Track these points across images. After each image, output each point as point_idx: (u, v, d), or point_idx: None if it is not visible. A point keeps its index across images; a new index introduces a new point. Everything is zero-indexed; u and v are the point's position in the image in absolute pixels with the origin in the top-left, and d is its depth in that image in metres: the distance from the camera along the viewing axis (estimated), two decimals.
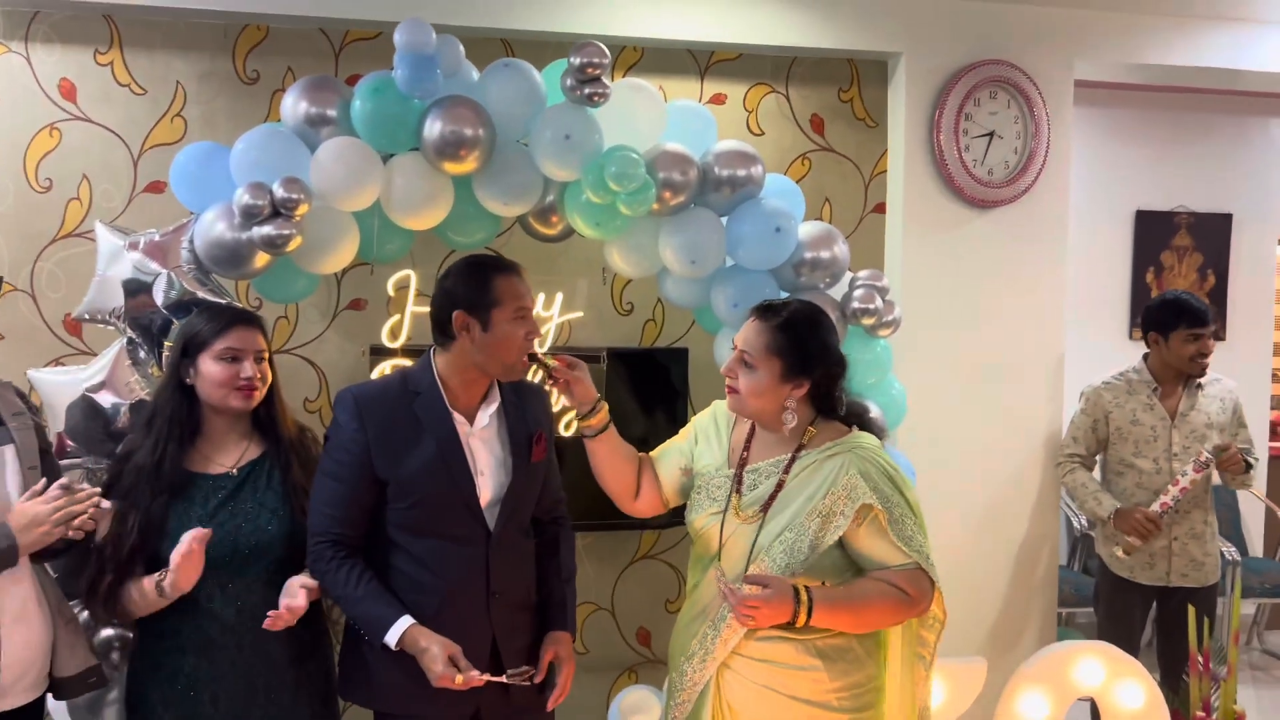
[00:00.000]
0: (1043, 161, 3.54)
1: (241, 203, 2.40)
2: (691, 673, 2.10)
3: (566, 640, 2.21)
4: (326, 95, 2.56)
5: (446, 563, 2.10)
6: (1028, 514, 3.63)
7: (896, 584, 2.02)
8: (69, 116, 3.10)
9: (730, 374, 2.11)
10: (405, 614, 2.03)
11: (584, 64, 2.50)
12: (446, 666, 1.98)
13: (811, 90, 3.56)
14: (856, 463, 2.04)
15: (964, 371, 3.52)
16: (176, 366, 2.16)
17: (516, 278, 2.13)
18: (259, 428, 2.22)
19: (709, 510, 2.14)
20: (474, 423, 2.15)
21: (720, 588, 2.05)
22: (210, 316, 2.19)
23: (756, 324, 2.09)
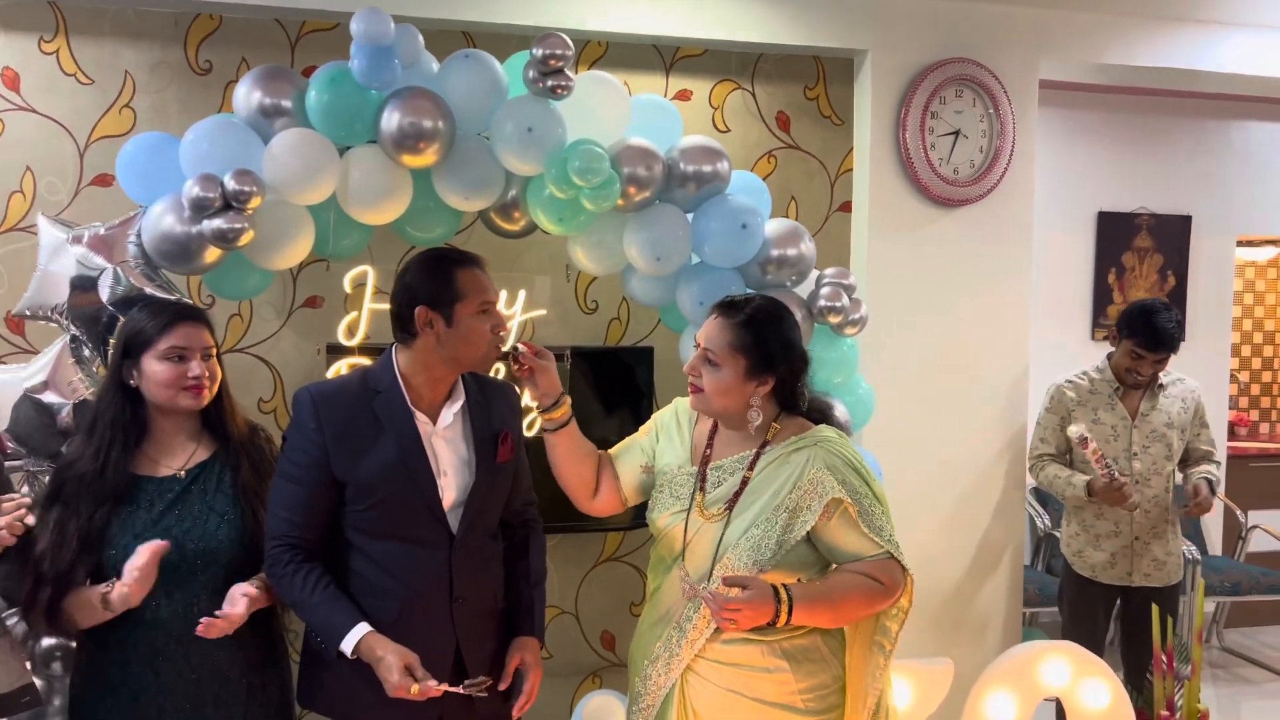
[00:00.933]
0: (1008, 161, 3.54)
1: (191, 195, 2.32)
2: (655, 676, 2.07)
3: (533, 646, 2.15)
4: (281, 85, 2.48)
5: (407, 567, 2.04)
6: (993, 513, 3.63)
7: (871, 575, 2.00)
8: (12, 106, 3.00)
9: (694, 372, 2.07)
10: (362, 621, 1.97)
11: (547, 55, 2.45)
12: (402, 676, 1.92)
13: (777, 87, 3.53)
14: (822, 456, 2.02)
15: (930, 370, 3.51)
16: (119, 367, 2.06)
17: (479, 271, 2.07)
18: (208, 428, 2.13)
19: (672, 509, 2.10)
20: (437, 422, 2.08)
21: (691, 592, 2.02)
22: (153, 313, 2.08)
23: (719, 321, 2.06)
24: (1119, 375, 3.37)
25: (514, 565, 2.21)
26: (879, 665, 2.06)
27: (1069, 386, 3.43)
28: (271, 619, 2.15)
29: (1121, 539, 3.34)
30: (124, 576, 1.92)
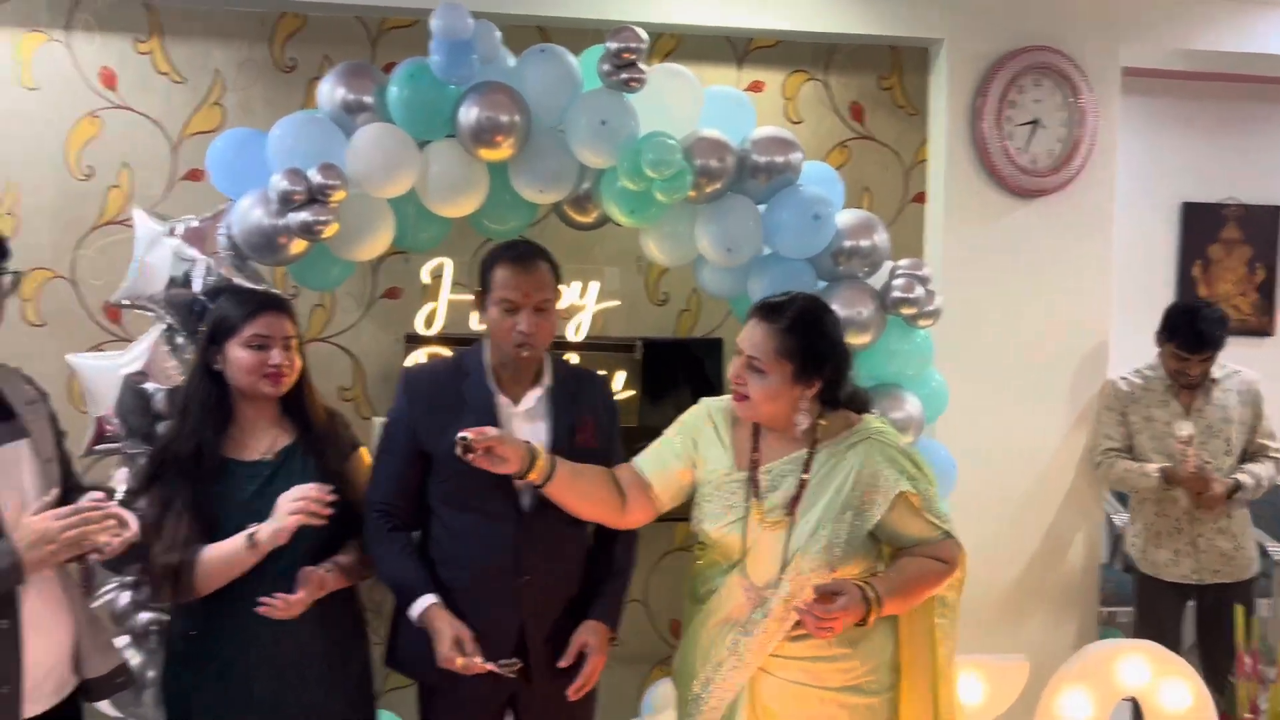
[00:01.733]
0: (1088, 150, 3.47)
1: (278, 189, 2.40)
2: (721, 681, 2.06)
3: (598, 630, 2.18)
4: (363, 81, 2.55)
5: (479, 539, 2.15)
6: (1069, 510, 3.56)
7: (936, 556, 2.06)
8: (109, 105, 3.13)
9: (738, 380, 2.03)
10: (430, 592, 2.10)
11: (620, 49, 2.47)
12: (451, 649, 2.02)
13: (851, 77, 3.51)
14: (878, 450, 2.04)
15: (1005, 364, 3.46)
16: (206, 353, 2.14)
17: (514, 269, 2.13)
18: (289, 414, 2.20)
19: (726, 519, 2.07)
20: (519, 404, 2.18)
21: (757, 598, 2.02)
22: (238, 302, 2.16)
23: (763, 327, 2.02)
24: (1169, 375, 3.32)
25: (597, 553, 2.27)
26: (945, 631, 2.10)
27: (1123, 383, 3.42)
28: (353, 599, 2.23)
29: (1183, 536, 3.28)
30: (282, 509, 2.00)
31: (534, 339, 2.13)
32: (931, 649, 2.10)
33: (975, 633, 3.35)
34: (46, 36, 3.08)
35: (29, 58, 3.08)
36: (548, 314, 2.15)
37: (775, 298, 2.09)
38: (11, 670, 1.81)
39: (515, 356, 2.16)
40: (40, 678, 1.88)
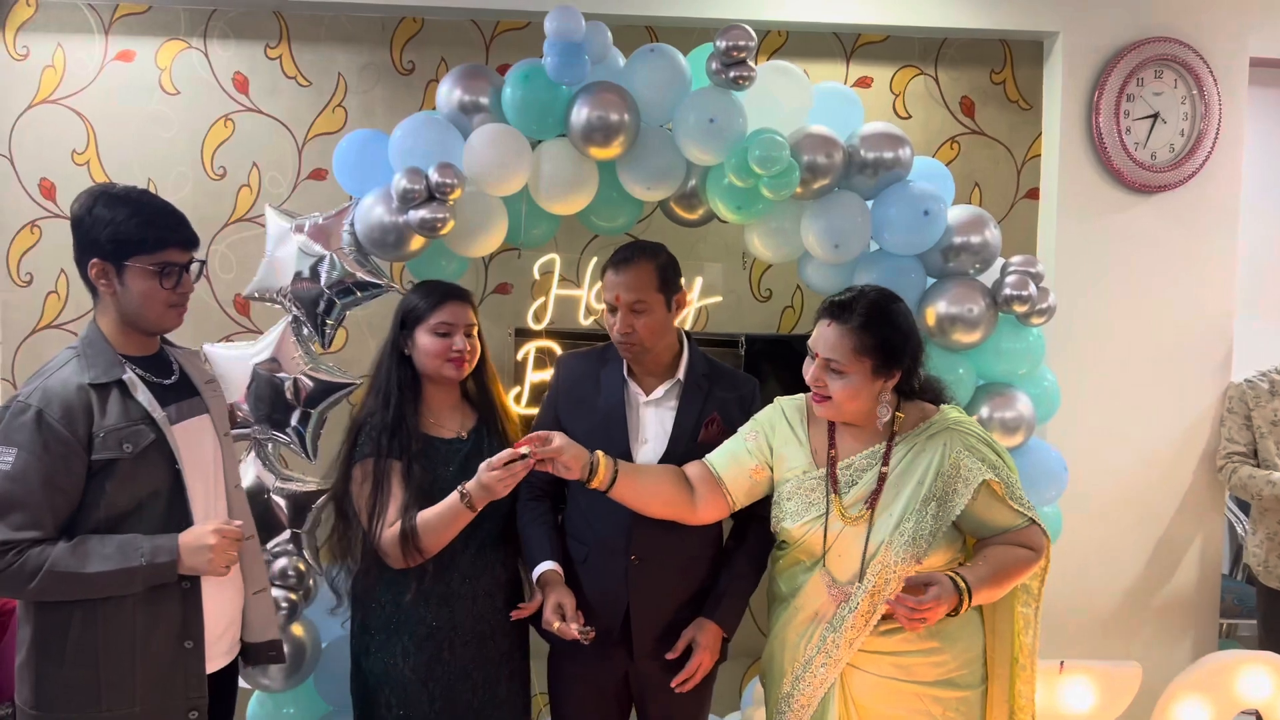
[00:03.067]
0: (1212, 144, 3.35)
1: (399, 187, 2.49)
2: (811, 679, 2.07)
3: (708, 629, 2.23)
4: (479, 83, 2.63)
5: (598, 516, 2.27)
6: (1188, 516, 3.44)
7: (1023, 543, 2.05)
8: (241, 108, 3.30)
9: (818, 383, 2.03)
10: (549, 559, 2.24)
11: (729, 47, 2.50)
12: (552, 613, 2.14)
13: (962, 72, 3.46)
14: (959, 439, 2.03)
15: (1122, 364, 3.36)
16: (396, 339, 2.32)
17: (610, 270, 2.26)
18: (468, 398, 2.38)
19: (808, 517, 2.08)
20: (650, 393, 2.28)
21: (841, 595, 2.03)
22: (426, 293, 2.34)
23: (836, 328, 2.01)
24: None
25: (728, 552, 2.34)
26: (1028, 620, 2.09)
27: (1248, 387, 3.30)
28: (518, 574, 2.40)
29: None
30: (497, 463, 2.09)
31: (630, 336, 2.22)
32: (1012, 638, 2.08)
33: (1087, 639, 3.29)
34: (185, 44, 3.27)
35: (169, 64, 3.27)
36: (642, 314, 2.21)
37: (841, 296, 2.08)
38: (196, 627, 1.98)
39: (620, 351, 2.26)
40: (216, 637, 2.04)
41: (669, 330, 2.29)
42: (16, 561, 1.82)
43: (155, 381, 1.98)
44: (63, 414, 1.85)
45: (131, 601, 1.90)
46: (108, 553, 1.85)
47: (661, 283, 2.25)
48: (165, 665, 1.94)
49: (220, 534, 1.91)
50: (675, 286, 2.28)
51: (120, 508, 1.90)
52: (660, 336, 2.26)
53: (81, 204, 1.92)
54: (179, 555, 1.89)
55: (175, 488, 1.95)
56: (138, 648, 1.91)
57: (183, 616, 1.95)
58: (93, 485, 1.87)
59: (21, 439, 1.83)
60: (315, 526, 2.69)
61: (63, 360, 1.93)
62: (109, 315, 1.95)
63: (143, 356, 1.99)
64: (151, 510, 1.92)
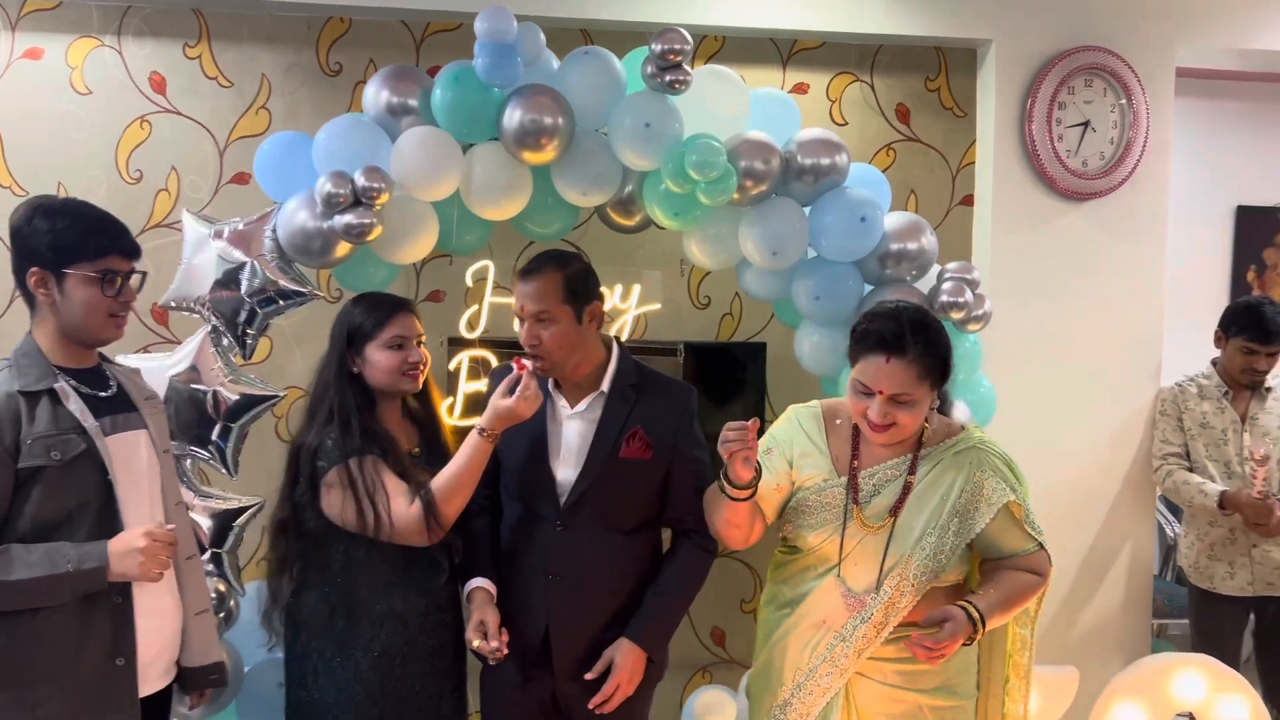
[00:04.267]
0: (1141, 152, 3.40)
1: (323, 191, 2.41)
2: (814, 687, 2.04)
3: (628, 650, 2.18)
4: (408, 85, 2.56)
5: (520, 533, 2.24)
6: (1120, 519, 3.48)
7: (1030, 569, 2.06)
8: (159, 109, 3.17)
9: (885, 418, 1.95)
10: (479, 577, 2.22)
11: (665, 50, 2.46)
12: (473, 631, 2.13)
13: (897, 79, 3.47)
14: (985, 459, 2.04)
15: (1056, 369, 3.39)
16: (342, 358, 2.23)
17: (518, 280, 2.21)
18: (408, 415, 2.32)
19: (828, 525, 2.05)
20: (574, 406, 2.22)
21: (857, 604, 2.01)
22: (372, 306, 2.26)
23: (897, 363, 1.93)
24: (1232, 378, 3.26)
25: (659, 570, 2.27)
26: (1025, 640, 2.12)
27: (1179, 390, 3.37)
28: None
29: (1238, 547, 3.20)
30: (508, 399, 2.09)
31: (537, 348, 2.15)
32: (1006, 656, 2.11)
33: None
34: (98, 42, 3.13)
35: (81, 63, 3.13)
36: (549, 324, 2.15)
37: (884, 326, 1.97)
38: (128, 644, 1.91)
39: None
40: (152, 657, 1.97)
41: (583, 342, 2.20)
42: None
43: (90, 394, 1.94)
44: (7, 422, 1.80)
45: (60, 616, 1.83)
46: (33, 560, 1.80)
47: (569, 294, 2.16)
48: (95, 684, 1.87)
49: (150, 536, 1.85)
50: (586, 298, 2.19)
51: (47, 518, 1.85)
52: (571, 349, 2.18)
53: (20, 215, 1.91)
54: (108, 561, 1.83)
55: (106, 500, 1.89)
56: (66, 665, 1.84)
57: (113, 632, 1.89)
58: (19, 494, 1.83)
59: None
60: (237, 546, 2.59)
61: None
62: (47, 326, 1.92)
63: (79, 369, 1.95)
64: (80, 522, 1.86)
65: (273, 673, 2.57)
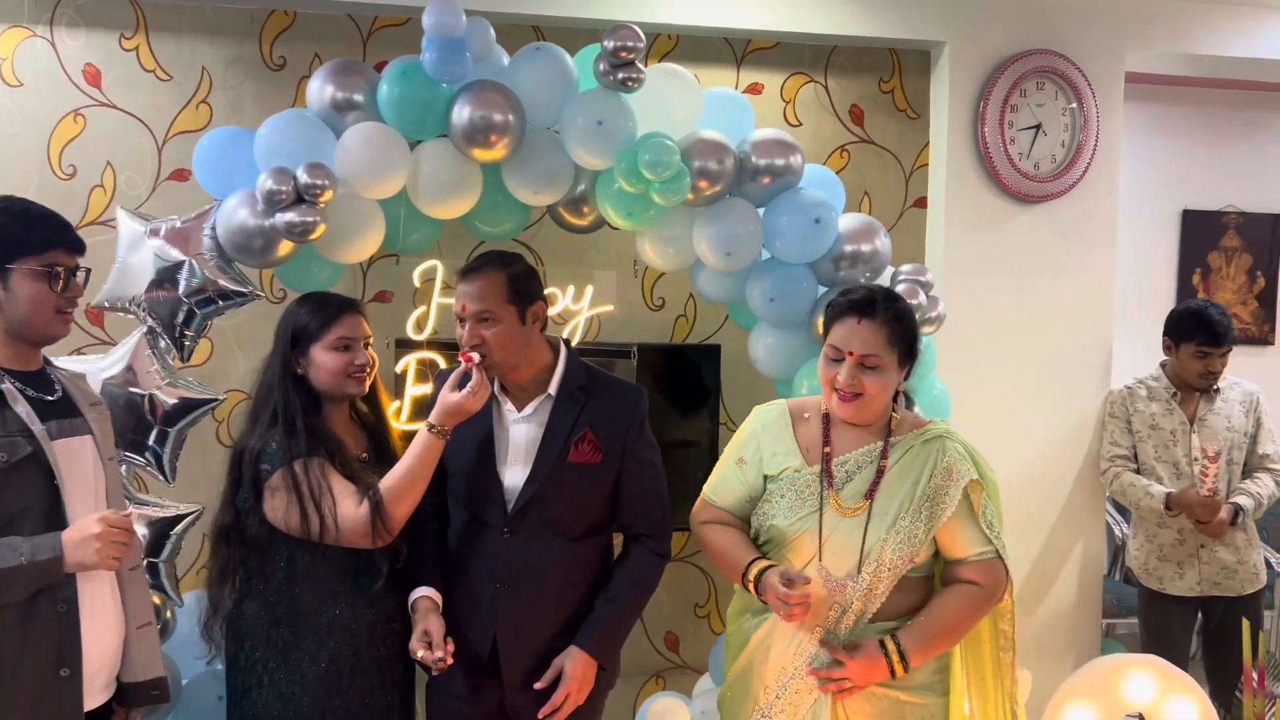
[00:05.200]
0: (1091, 155, 3.43)
1: (264, 188, 2.33)
2: (799, 686, 2.02)
3: (577, 658, 2.14)
4: (353, 79, 2.50)
5: (466, 540, 2.19)
6: (1071, 520, 3.51)
7: (970, 580, 2.04)
8: (93, 102, 3.06)
9: (852, 383, 1.99)
10: (424, 586, 2.16)
11: (618, 47, 2.42)
12: (416, 641, 2.07)
13: (851, 80, 3.46)
14: (954, 448, 2.06)
15: (1008, 371, 3.41)
16: (286, 359, 2.16)
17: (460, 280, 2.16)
18: (356, 418, 2.27)
19: (801, 512, 2.04)
20: (521, 410, 2.18)
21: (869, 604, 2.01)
22: (318, 306, 2.20)
23: (868, 324, 2.00)
24: (1186, 381, 3.29)
25: (609, 575, 2.23)
26: (1008, 665, 2.14)
27: (1127, 393, 3.39)
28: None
29: (1186, 548, 3.24)
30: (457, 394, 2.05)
31: (479, 348, 2.10)
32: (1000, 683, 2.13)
33: None
34: (29, 32, 3.02)
35: (11, 53, 3.01)
36: (490, 325, 2.10)
37: (855, 295, 2.05)
38: (72, 654, 1.84)
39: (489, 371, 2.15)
40: (94, 670, 1.90)
41: (526, 343, 2.15)
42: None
43: (36, 397, 1.88)
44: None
45: (1, 626, 1.76)
46: None
47: (512, 293, 2.12)
48: (37, 695, 1.79)
49: (104, 521, 1.81)
50: (529, 298, 2.14)
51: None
52: (514, 350, 2.14)
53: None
54: (63, 551, 1.79)
55: (53, 505, 1.84)
56: (6, 676, 1.78)
57: (58, 641, 1.82)
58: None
59: None
60: (175, 554, 2.50)
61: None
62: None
63: (24, 371, 1.90)
64: (24, 526, 1.81)
65: (213, 685, 2.51)
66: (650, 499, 2.23)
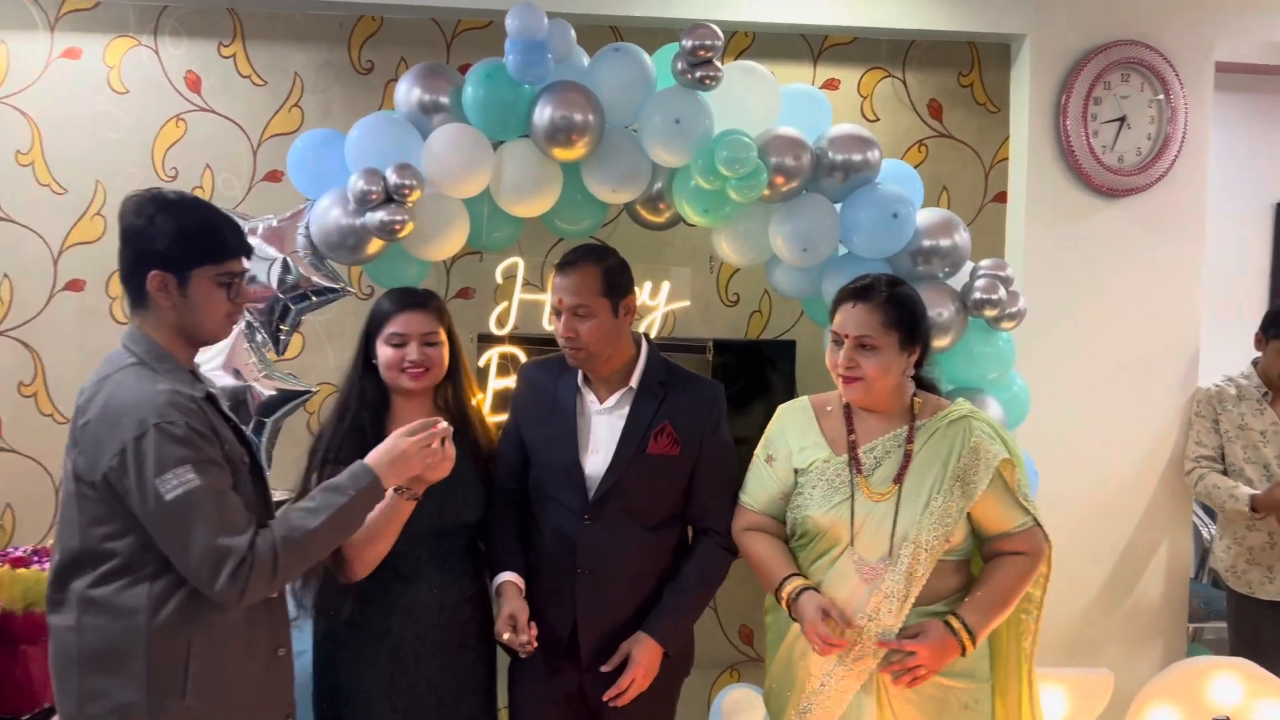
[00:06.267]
0: (1178, 148, 3.35)
1: (356, 188, 2.42)
2: (844, 671, 2.04)
3: (646, 644, 2.18)
4: (439, 82, 2.57)
5: (549, 528, 2.24)
6: (1156, 520, 3.44)
7: (1018, 550, 2.07)
8: (194, 108, 3.20)
9: (850, 365, 2.06)
10: (508, 570, 2.21)
11: (696, 46, 2.45)
12: (502, 624, 2.13)
13: (929, 74, 3.44)
14: (979, 427, 2.09)
15: (1091, 368, 3.35)
16: (363, 348, 2.26)
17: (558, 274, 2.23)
18: (445, 409, 2.28)
19: (832, 501, 2.09)
20: (603, 402, 2.24)
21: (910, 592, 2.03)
22: (388, 301, 2.26)
23: (863, 307, 2.08)
24: (1272, 380, 3.20)
25: (679, 566, 2.27)
26: (1028, 627, 2.13)
27: (1216, 392, 3.31)
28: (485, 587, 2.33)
29: (1276, 551, 3.14)
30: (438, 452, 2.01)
31: (574, 340, 2.17)
32: (1016, 641, 2.13)
33: (1057, 646, 3.26)
34: (135, 41, 3.17)
35: (118, 62, 3.16)
36: (586, 318, 2.17)
37: (857, 282, 2.13)
38: (284, 633, 1.92)
39: (566, 356, 2.23)
40: None
41: (617, 336, 2.22)
42: (255, 557, 1.72)
43: None
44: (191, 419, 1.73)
45: (233, 621, 1.79)
46: (315, 506, 1.82)
47: (607, 287, 2.18)
48: (262, 677, 1.87)
49: (409, 434, 1.92)
50: (622, 291, 2.21)
51: None
52: (607, 342, 2.20)
53: (137, 212, 1.79)
54: (376, 473, 1.88)
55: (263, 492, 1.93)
56: (245, 665, 1.83)
57: (271, 624, 1.89)
58: None
59: (181, 454, 1.69)
60: None
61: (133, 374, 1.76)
62: (163, 328, 1.82)
63: (190, 370, 1.89)
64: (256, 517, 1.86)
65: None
66: (721, 494, 2.27)
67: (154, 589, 1.73)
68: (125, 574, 1.73)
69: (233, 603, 1.72)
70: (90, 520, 1.73)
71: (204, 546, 1.69)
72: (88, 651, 1.73)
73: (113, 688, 1.73)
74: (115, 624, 1.72)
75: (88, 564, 1.74)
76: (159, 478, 1.67)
